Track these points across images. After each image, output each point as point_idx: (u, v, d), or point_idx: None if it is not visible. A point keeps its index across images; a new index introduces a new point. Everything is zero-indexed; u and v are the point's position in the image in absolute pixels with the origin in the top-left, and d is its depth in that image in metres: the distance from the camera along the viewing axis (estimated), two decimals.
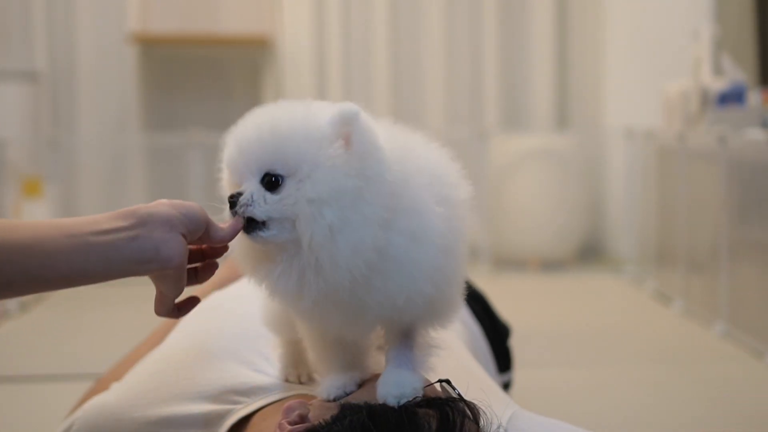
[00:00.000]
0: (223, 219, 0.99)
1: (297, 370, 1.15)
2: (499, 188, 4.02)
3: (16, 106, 4.03)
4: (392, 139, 0.97)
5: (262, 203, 0.93)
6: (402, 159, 0.95)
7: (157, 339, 1.48)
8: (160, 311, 0.98)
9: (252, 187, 0.94)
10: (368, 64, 4.34)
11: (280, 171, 0.93)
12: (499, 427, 1.02)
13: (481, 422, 0.97)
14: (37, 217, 3.64)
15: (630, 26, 4.12)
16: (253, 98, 4.27)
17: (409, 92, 4.37)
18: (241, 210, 0.94)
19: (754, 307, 2.61)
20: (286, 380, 1.15)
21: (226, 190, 1.00)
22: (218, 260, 1.04)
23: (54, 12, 4.19)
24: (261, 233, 0.94)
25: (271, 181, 0.93)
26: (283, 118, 0.94)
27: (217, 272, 1.68)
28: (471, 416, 0.95)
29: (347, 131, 0.92)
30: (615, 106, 4.22)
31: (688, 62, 3.23)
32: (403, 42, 4.36)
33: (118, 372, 1.42)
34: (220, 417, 1.12)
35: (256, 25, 4.16)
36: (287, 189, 0.92)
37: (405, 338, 1.01)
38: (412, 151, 0.99)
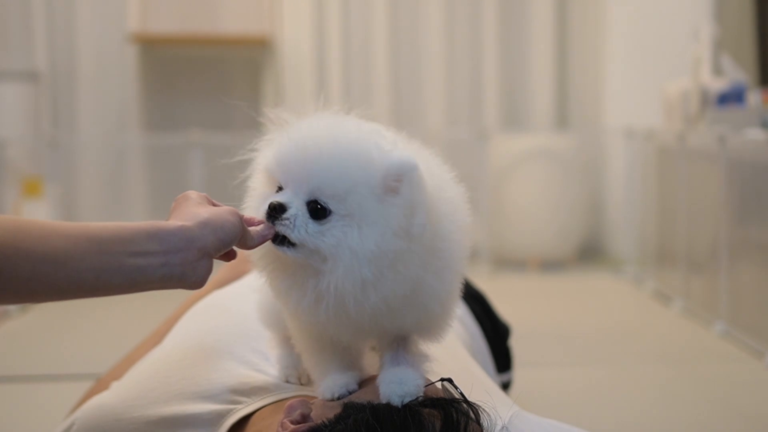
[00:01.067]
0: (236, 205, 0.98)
1: (297, 370, 1.15)
2: (499, 188, 4.01)
3: (16, 106, 4.03)
4: (427, 171, 0.95)
5: (302, 230, 0.91)
6: (434, 195, 0.95)
7: (157, 338, 1.48)
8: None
9: (297, 208, 0.92)
10: (368, 64, 4.34)
11: (330, 205, 0.91)
12: (503, 429, 1.02)
13: (485, 423, 0.97)
14: (37, 216, 3.63)
15: (630, 26, 4.12)
16: (253, 98, 4.27)
17: (409, 92, 4.36)
18: (280, 228, 0.92)
19: (754, 307, 2.61)
20: (287, 381, 1.15)
21: (261, 182, 0.99)
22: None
23: (54, 12, 4.19)
24: (288, 250, 0.93)
25: (317, 209, 0.91)
26: (350, 150, 0.91)
27: (218, 272, 1.69)
28: (474, 417, 0.96)
29: (399, 185, 0.90)
30: (615, 106, 4.22)
31: (688, 62, 3.23)
32: (403, 42, 4.36)
33: (118, 371, 1.42)
34: (220, 416, 1.11)
35: (256, 25, 4.15)
36: (331, 225, 0.91)
37: (400, 340, 1.02)
38: (439, 178, 0.98)
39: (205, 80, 4.34)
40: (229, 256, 0.98)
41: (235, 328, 1.28)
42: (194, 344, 1.25)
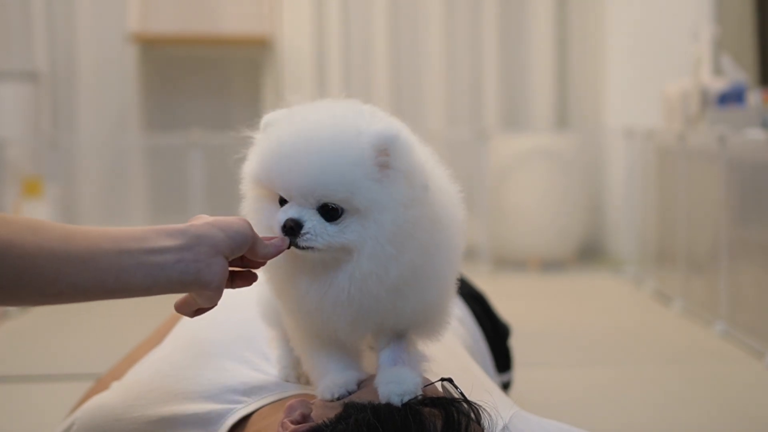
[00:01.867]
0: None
1: (296, 370, 1.15)
2: (499, 188, 4.01)
3: (16, 106, 4.03)
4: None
5: (325, 236, 0.93)
6: (430, 177, 0.97)
7: (157, 338, 1.48)
8: (181, 310, 0.98)
9: (311, 219, 0.93)
10: (368, 64, 4.34)
11: (341, 204, 0.93)
12: (503, 428, 1.02)
13: (486, 423, 0.97)
14: (37, 217, 3.63)
15: (630, 26, 4.12)
16: (253, 98, 4.27)
17: (409, 92, 4.36)
18: (304, 244, 0.93)
19: (754, 307, 2.61)
20: (286, 381, 1.15)
21: (257, 195, 0.99)
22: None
23: (54, 12, 4.19)
24: (314, 252, 0.94)
25: (329, 210, 0.93)
26: (340, 150, 0.92)
27: None
28: (474, 417, 0.96)
29: (388, 158, 0.92)
30: (615, 106, 4.22)
31: (688, 62, 3.23)
32: (403, 42, 4.36)
33: (118, 371, 1.42)
34: (220, 416, 1.12)
35: (256, 25, 4.16)
36: (349, 221, 0.93)
37: (397, 339, 1.02)
38: (433, 169, 1.00)
39: (205, 80, 4.34)
40: (249, 279, 1.00)
41: (236, 328, 1.28)
42: (194, 344, 1.25)
